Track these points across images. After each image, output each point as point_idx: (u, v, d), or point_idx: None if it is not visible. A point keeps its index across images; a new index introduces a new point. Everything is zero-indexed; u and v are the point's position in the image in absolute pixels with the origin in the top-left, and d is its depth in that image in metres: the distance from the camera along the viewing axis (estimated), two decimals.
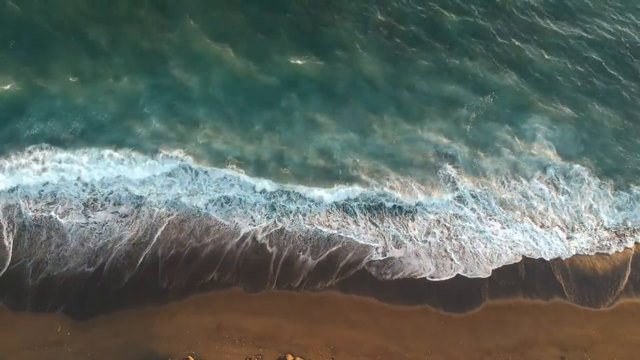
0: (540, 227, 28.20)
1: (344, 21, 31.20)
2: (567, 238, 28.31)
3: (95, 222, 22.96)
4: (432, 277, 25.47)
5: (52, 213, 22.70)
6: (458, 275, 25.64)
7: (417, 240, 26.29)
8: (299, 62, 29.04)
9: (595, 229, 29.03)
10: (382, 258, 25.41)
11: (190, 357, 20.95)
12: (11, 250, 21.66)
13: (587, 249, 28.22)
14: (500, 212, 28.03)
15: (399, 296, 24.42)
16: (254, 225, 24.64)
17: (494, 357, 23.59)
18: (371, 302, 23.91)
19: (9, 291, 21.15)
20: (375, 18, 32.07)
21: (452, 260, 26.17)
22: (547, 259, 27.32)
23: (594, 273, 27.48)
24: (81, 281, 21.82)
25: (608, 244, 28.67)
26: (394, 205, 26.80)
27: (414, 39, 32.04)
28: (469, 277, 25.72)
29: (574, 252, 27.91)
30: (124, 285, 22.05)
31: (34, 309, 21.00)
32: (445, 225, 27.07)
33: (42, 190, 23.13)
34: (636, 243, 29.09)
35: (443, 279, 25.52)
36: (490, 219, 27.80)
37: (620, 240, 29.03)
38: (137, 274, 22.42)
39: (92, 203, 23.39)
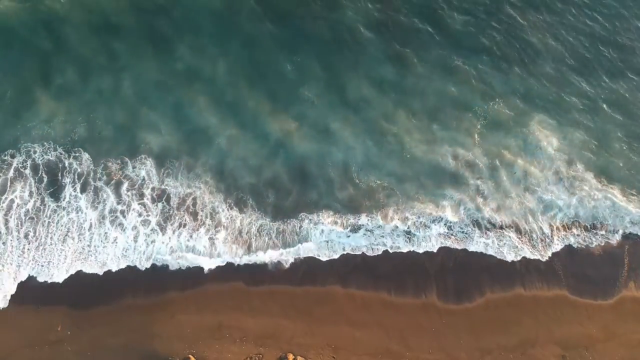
0: None
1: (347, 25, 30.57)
2: None
3: None
4: None
5: None
6: (459, 269, 25.54)
7: None
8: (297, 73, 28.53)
9: None
10: None
11: (191, 356, 20.91)
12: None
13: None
14: None
15: (400, 289, 24.31)
16: None
17: (495, 356, 23.51)
18: (371, 298, 23.78)
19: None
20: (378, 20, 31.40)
21: None
22: None
23: (594, 266, 27.34)
24: (82, 281, 21.75)
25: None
26: None
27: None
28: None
29: None
30: (125, 285, 21.98)
31: (35, 308, 20.95)
32: None
33: None
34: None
35: None
36: None
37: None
38: (138, 274, 22.36)
39: None
